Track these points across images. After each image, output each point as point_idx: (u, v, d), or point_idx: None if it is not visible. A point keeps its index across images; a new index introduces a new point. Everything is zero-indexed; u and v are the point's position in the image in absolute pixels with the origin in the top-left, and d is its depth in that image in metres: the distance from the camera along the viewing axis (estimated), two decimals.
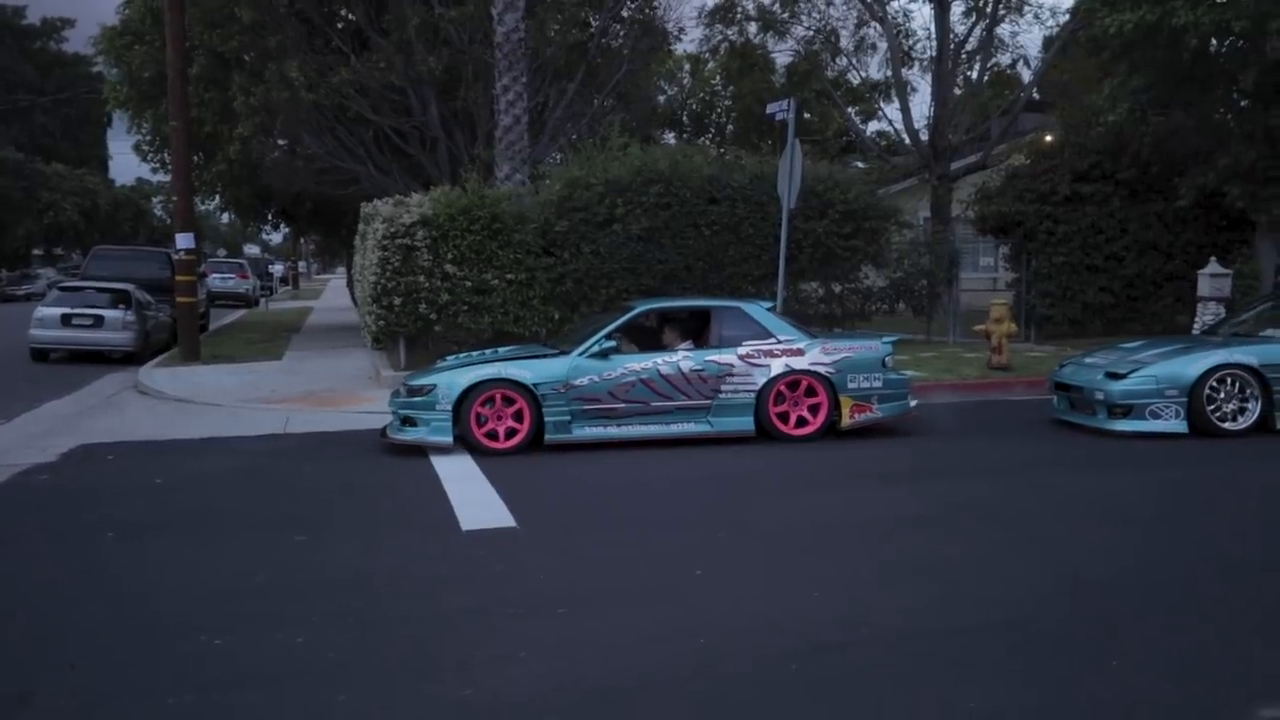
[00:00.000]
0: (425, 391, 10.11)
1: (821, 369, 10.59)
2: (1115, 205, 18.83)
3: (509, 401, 10.10)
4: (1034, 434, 11.33)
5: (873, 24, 26.98)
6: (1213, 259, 17.07)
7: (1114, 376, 10.59)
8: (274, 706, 4.52)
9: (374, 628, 5.46)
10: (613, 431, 10.36)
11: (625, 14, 24.58)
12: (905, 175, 29.17)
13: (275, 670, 4.91)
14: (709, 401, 10.46)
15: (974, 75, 26.70)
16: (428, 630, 5.41)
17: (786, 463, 9.81)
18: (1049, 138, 22.52)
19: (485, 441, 10.04)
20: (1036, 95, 28.65)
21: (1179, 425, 10.29)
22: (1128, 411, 10.41)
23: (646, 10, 24.96)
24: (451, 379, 10.15)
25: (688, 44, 30.74)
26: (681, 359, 10.48)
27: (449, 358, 11.40)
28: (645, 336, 11.18)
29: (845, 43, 27.74)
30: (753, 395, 10.47)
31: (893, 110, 46.01)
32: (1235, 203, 16.79)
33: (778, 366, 10.51)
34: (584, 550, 6.96)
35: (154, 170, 33.75)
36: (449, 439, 10.01)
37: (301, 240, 65.80)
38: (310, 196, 27.70)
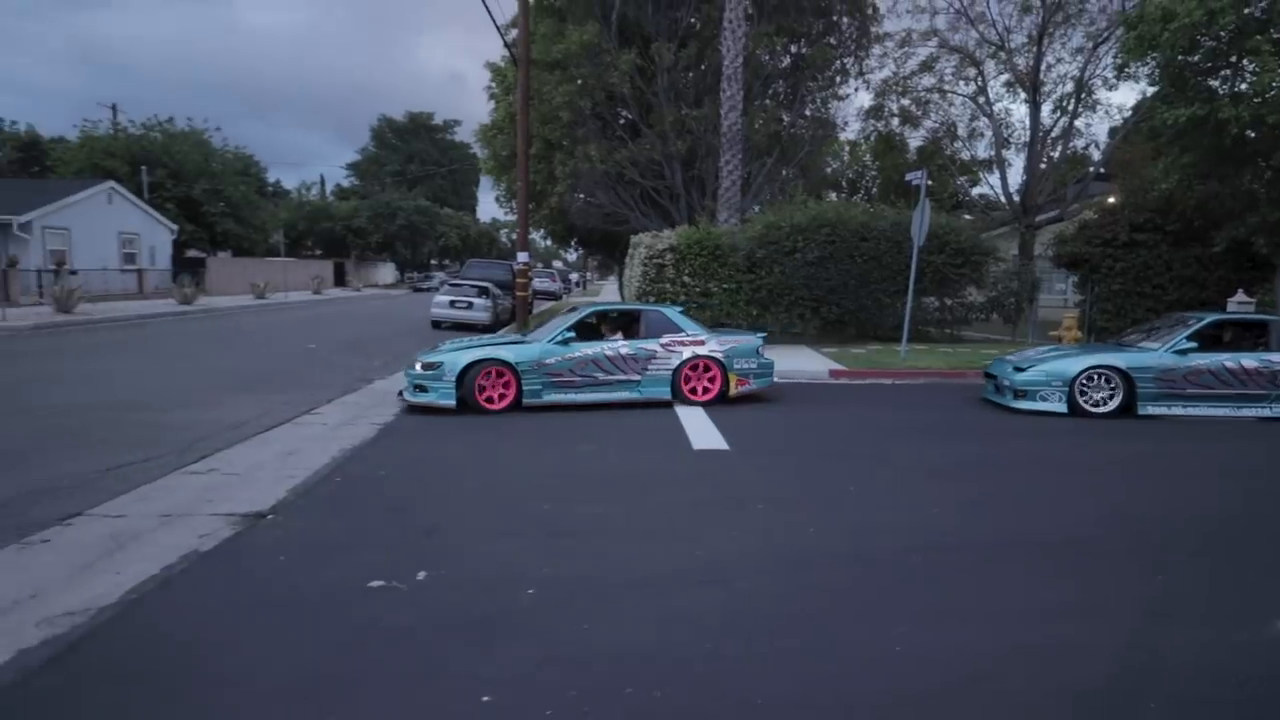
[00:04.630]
0: (435, 367, 9.27)
1: (717, 354, 9.89)
2: (1163, 249, 16.90)
3: (499, 375, 9.35)
4: (969, 408, 9.93)
5: (982, 118, 25.23)
6: (1240, 290, 15.18)
7: (1018, 370, 9.74)
8: (578, 551, 4.71)
9: (637, 508, 5.60)
10: (571, 396, 9.58)
11: (808, 113, 24.01)
12: (1001, 224, 27.06)
13: (579, 529, 5.10)
14: (639, 376, 9.75)
15: (1056, 155, 24.52)
16: (671, 512, 5.49)
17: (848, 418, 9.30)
18: (1111, 200, 20.42)
19: (485, 404, 9.28)
20: (1103, 170, 26.01)
21: (1061, 407, 9.45)
22: (1025, 395, 9.60)
23: (822, 110, 24.35)
24: (455, 358, 9.33)
25: (850, 133, 29.71)
26: (621, 346, 9.77)
27: (446, 344, 10.24)
28: (592, 331, 10.41)
29: (961, 131, 26.04)
30: (670, 372, 9.79)
31: (993, 179, 43.07)
32: (1260, 250, 14.83)
33: (687, 352, 9.85)
34: (775, 468, 6.88)
35: (505, 212, 35.41)
36: (452, 402, 9.21)
37: (589, 257, 67.50)
38: (598, 230, 28.44)
